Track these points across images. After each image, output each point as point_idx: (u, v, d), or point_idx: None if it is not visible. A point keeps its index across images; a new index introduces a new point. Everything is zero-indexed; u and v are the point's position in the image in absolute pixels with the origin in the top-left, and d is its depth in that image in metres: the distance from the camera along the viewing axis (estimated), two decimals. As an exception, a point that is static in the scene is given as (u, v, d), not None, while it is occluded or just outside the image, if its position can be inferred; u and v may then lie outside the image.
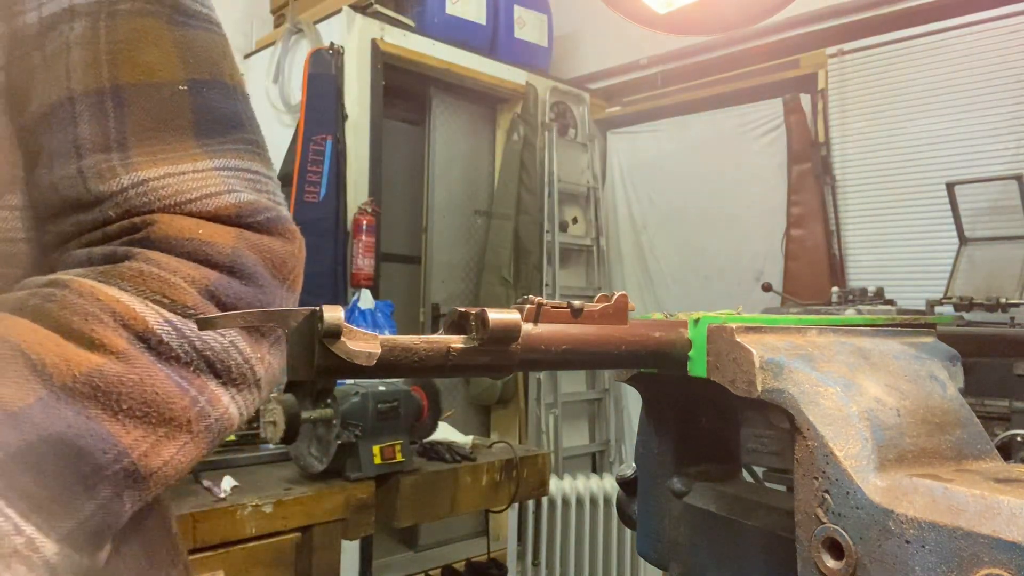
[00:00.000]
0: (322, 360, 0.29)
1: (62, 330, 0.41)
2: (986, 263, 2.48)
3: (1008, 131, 2.66)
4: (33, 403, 0.38)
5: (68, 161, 0.46)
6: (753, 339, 0.37)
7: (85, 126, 0.46)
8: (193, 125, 0.48)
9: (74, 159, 0.46)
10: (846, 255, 3.10)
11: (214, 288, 0.46)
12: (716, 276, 3.55)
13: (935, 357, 0.41)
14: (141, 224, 0.46)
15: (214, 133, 0.49)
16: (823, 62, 3.16)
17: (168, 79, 0.48)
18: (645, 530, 0.49)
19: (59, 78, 0.46)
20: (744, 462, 0.75)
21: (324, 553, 1.50)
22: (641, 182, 3.89)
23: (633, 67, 3.81)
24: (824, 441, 0.33)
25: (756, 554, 0.41)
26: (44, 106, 0.47)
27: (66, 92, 0.46)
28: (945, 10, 2.82)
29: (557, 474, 3.32)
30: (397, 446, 1.63)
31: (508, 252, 3.53)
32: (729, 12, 2.26)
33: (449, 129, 3.64)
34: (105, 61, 0.47)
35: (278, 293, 0.50)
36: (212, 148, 0.49)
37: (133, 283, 0.44)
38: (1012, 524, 0.28)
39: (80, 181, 0.46)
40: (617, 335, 0.37)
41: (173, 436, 0.44)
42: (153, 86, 0.47)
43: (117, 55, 0.47)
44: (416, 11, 3.34)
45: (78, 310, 0.42)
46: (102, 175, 0.46)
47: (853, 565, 0.32)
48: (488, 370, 0.33)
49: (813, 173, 3.17)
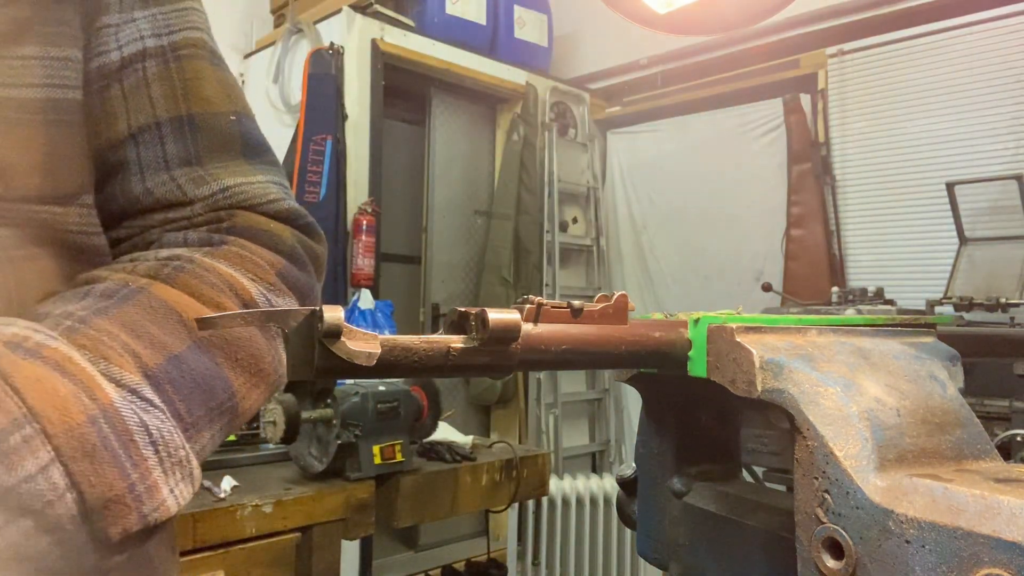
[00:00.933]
0: (322, 360, 0.29)
1: (195, 295, 0.52)
2: (986, 263, 2.48)
3: (1008, 131, 2.66)
4: (184, 350, 0.49)
5: (159, 171, 0.58)
6: (753, 339, 0.37)
7: (171, 144, 0.59)
8: (242, 148, 0.62)
9: (164, 169, 0.58)
10: (846, 255, 3.10)
11: (283, 271, 0.58)
12: (716, 276, 3.54)
13: (935, 357, 0.41)
14: (226, 217, 0.58)
15: (254, 154, 0.63)
16: (823, 62, 3.16)
17: (222, 110, 0.61)
18: (645, 530, 0.49)
19: (145, 107, 0.58)
20: (744, 462, 0.75)
21: (324, 553, 1.50)
22: (641, 182, 3.88)
23: (633, 67, 3.81)
24: (824, 441, 0.33)
25: (756, 554, 0.41)
26: (133, 128, 0.58)
27: (153, 118, 0.59)
28: (945, 10, 2.82)
29: (557, 474, 3.32)
30: (397, 446, 1.63)
31: (508, 252, 3.53)
32: (729, 12, 2.26)
33: (449, 129, 3.64)
34: (180, 95, 0.59)
35: (315, 284, 0.62)
36: (257, 166, 0.62)
37: (235, 262, 0.56)
38: (1012, 524, 0.28)
39: (175, 186, 0.58)
40: (617, 335, 0.37)
41: (258, 384, 0.55)
42: (214, 115, 0.61)
43: (188, 90, 0.60)
44: (416, 11, 3.34)
45: (205, 280, 0.53)
46: (195, 182, 0.59)
47: (853, 565, 0.32)
48: (488, 370, 0.33)
49: (813, 173, 3.17)
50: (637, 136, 3.93)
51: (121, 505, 0.43)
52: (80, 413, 0.42)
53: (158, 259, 0.55)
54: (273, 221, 0.60)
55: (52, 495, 0.40)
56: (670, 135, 3.78)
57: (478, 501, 1.87)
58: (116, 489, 0.42)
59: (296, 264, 0.59)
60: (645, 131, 3.89)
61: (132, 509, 0.43)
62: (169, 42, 0.60)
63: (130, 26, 0.58)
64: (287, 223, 0.61)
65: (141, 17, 0.59)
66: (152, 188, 0.58)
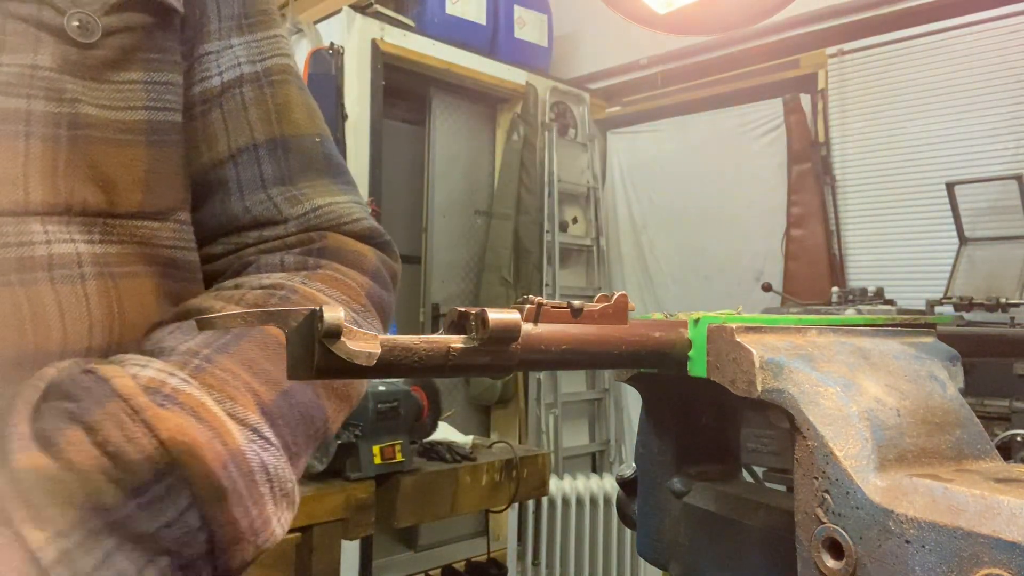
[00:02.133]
0: (322, 360, 0.29)
1: None
2: (986, 263, 2.48)
3: (1008, 131, 2.66)
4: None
5: (256, 190, 0.62)
6: (753, 339, 0.37)
7: (268, 166, 0.63)
8: (325, 167, 0.65)
9: (261, 188, 0.62)
10: (846, 255, 3.10)
11: (370, 291, 0.61)
12: (716, 276, 3.54)
13: (935, 357, 0.41)
14: (317, 238, 0.62)
15: (335, 174, 0.66)
16: (823, 62, 3.16)
17: (309, 133, 0.65)
18: (645, 530, 0.49)
19: (244, 129, 0.62)
20: (744, 462, 0.75)
21: (324, 553, 1.50)
22: (641, 182, 3.88)
23: (633, 67, 3.81)
24: (824, 441, 0.33)
25: (756, 554, 0.41)
26: (233, 148, 0.62)
27: (251, 140, 0.62)
28: (945, 10, 2.82)
29: (557, 474, 3.32)
30: (397, 446, 1.63)
31: (508, 252, 3.52)
32: (729, 12, 2.26)
33: (449, 129, 3.64)
34: (275, 119, 0.63)
35: (393, 300, 0.65)
36: (339, 185, 0.66)
37: (331, 285, 0.59)
38: (1012, 524, 0.28)
39: (272, 205, 0.62)
40: (617, 335, 0.37)
41: (344, 409, 0.58)
42: (302, 137, 0.65)
43: (281, 114, 0.64)
44: (416, 11, 3.34)
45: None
46: (290, 201, 0.62)
47: (853, 565, 0.32)
48: (488, 370, 0.33)
49: (813, 173, 3.17)
50: (637, 136, 3.93)
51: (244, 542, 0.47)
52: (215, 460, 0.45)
53: (262, 287, 0.57)
54: (358, 242, 0.63)
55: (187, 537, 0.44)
56: (670, 135, 3.78)
57: (478, 501, 1.87)
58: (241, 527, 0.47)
59: (380, 284, 0.63)
60: (645, 131, 3.89)
61: (251, 544, 0.48)
62: (263, 68, 0.64)
63: (228, 53, 0.62)
64: (368, 242, 0.65)
65: (238, 44, 0.63)
66: (250, 206, 0.62)
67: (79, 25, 0.51)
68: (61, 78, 0.51)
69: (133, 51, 0.55)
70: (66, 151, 0.51)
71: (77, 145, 0.52)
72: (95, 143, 0.53)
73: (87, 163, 0.52)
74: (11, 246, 0.49)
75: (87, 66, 0.52)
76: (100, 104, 0.53)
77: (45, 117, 0.50)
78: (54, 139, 0.50)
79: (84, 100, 0.52)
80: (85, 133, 0.52)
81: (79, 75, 0.52)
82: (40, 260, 0.49)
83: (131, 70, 0.55)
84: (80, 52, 0.51)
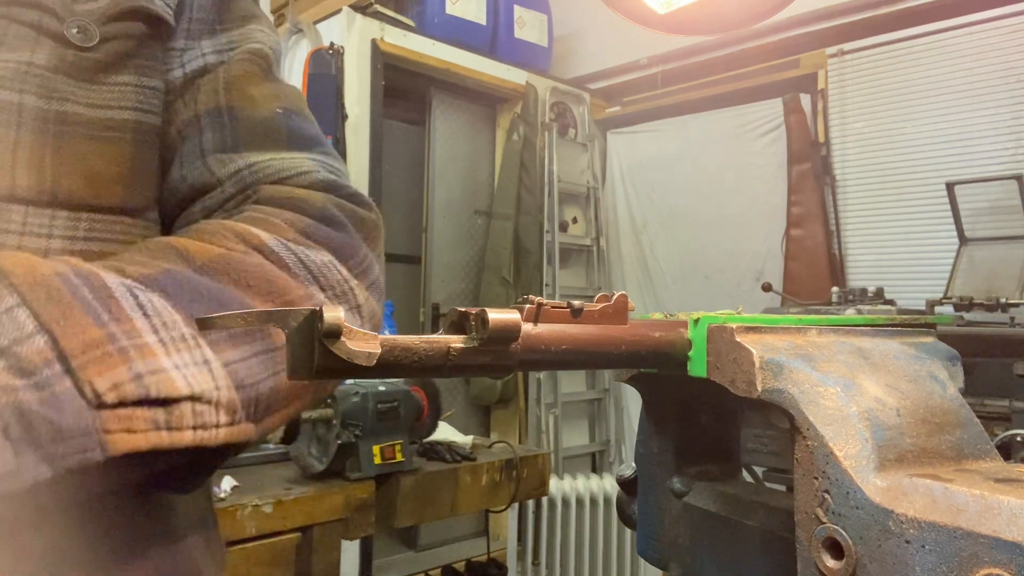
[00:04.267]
0: (322, 360, 0.29)
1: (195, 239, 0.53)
2: (986, 263, 2.48)
3: (1008, 131, 2.66)
4: (181, 269, 0.49)
5: (195, 159, 0.61)
6: (753, 339, 0.37)
7: (208, 133, 0.61)
8: (287, 139, 0.63)
9: (199, 157, 0.61)
10: (846, 255, 3.10)
11: (307, 229, 0.57)
12: (716, 276, 3.54)
13: (935, 357, 0.41)
14: (252, 193, 0.59)
15: (303, 146, 0.63)
16: (823, 62, 3.16)
17: (267, 107, 0.63)
18: (645, 530, 0.49)
19: (191, 106, 0.62)
20: (744, 462, 0.75)
21: (324, 553, 1.50)
22: (641, 182, 3.88)
23: (633, 67, 3.81)
24: (824, 441, 0.33)
25: (756, 554, 0.41)
26: (180, 125, 0.62)
27: (194, 113, 0.62)
28: (945, 10, 2.82)
29: (557, 474, 3.32)
30: (397, 446, 1.63)
31: (508, 252, 3.52)
32: (729, 12, 2.26)
33: (449, 129, 3.63)
34: (222, 90, 0.63)
35: (361, 244, 0.60)
36: (300, 151, 0.63)
37: (245, 221, 0.56)
38: (1012, 524, 0.28)
39: (206, 170, 0.60)
40: (617, 335, 0.37)
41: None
42: (256, 109, 0.63)
43: (231, 86, 0.63)
44: (416, 11, 3.34)
45: (207, 230, 0.54)
46: (223, 163, 0.60)
47: (853, 565, 0.32)
48: (488, 370, 0.33)
49: (813, 173, 3.17)
50: (637, 136, 3.92)
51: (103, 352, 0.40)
52: (49, 271, 0.42)
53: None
54: (302, 189, 0.60)
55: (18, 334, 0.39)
56: (670, 135, 3.77)
57: (478, 501, 1.87)
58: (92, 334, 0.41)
59: (328, 224, 0.58)
60: (645, 131, 3.89)
61: (119, 361, 0.41)
62: (228, 58, 0.64)
63: (194, 48, 0.63)
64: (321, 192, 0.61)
65: (206, 43, 0.64)
66: (187, 175, 0.61)
67: (78, 31, 0.54)
68: (54, 77, 0.53)
69: (126, 57, 0.58)
70: (54, 143, 0.53)
71: (65, 139, 0.54)
72: (82, 139, 0.55)
73: (74, 156, 0.54)
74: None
75: (82, 68, 0.55)
76: (90, 103, 0.55)
77: (35, 111, 0.52)
78: (43, 132, 0.53)
79: (73, 99, 0.54)
80: (73, 129, 0.54)
81: (73, 76, 0.54)
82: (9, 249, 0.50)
83: (123, 74, 0.57)
84: (76, 55, 0.54)
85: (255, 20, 0.67)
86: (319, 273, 0.55)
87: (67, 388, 0.39)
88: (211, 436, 0.43)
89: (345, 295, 0.57)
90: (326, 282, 0.55)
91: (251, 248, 0.53)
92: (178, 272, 0.48)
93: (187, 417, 0.42)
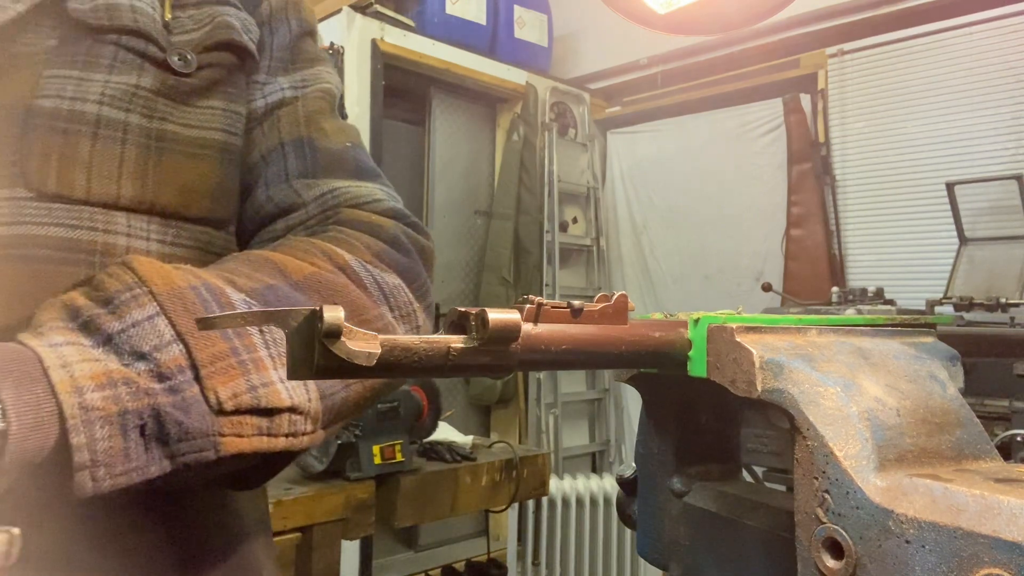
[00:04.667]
0: (322, 360, 0.29)
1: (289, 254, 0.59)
2: (986, 263, 2.47)
3: (1008, 131, 2.66)
4: (281, 285, 0.55)
5: (280, 182, 0.68)
6: (753, 339, 0.37)
7: (292, 160, 0.69)
8: (355, 169, 0.71)
9: (284, 180, 0.68)
10: (846, 255, 3.10)
11: (381, 253, 0.63)
12: (716, 276, 3.54)
13: (935, 357, 0.41)
14: (332, 214, 0.66)
15: (369, 177, 0.71)
16: (823, 62, 3.16)
17: (338, 140, 0.71)
18: (645, 530, 0.49)
19: (274, 135, 0.70)
20: (744, 462, 0.75)
21: (324, 553, 1.50)
22: (641, 182, 3.88)
23: (633, 67, 3.81)
24: (824, 441, 0.33)
25: (756, 554, 0.41)
26: (264, 151, 0.69)
27: (279, 140, 0.69)
28: (945, 10, 2.82)
29: (557, 474, 3.32)
30: (397, 446, 1.63)
31: (508, 252, 3.52)
32: (729, 12, 2.26)
33: (449, 129, 3.63)
34: (303, 122, 0.70)
35: (422, 270, 0.67)
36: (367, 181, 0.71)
37: (331, 241, 0.62)
38: (1012, 524, 0.28)
39: (292, 192, 0.67)
40: (617, 335, 0.37)
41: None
42: (330, 142, 0.71)
43: (310, 120, 0.71)
44: (416, 11, 3.34)
45: (299, 247, 0.60)
46: (308, 186, 0.67)
47: (853, 565, 0.32)
48: (488, 370, 0.33)
49: (813, 173, 3.17)
50: (637, 136, 3.92)
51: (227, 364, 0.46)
52: (184, 283, 0.49)
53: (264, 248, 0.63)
54: (376, 215, 0.67)
55: (158, 341, 0.46)
56: (670, 135, 3.77)
57: (478, 501, 1.87)
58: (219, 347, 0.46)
59: (397, 249, 0.65)
60: (645, 131, 3.89)
61: (239, 373, 0.47)
62: (302, 93, 0.72)
63: (274, 83, 0.71)
64: (391, 219, 0.68)
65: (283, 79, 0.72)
66: (273, 195, 0.68)
67: (179, 59, 0.62)
68: (156, 99, 0.60)
69: (217, 83, 0.65)
70: (155, 158, 0.60)
71: (163, 155, 0.61)
72: (178, 155, 0.62)
73: (171, 170, 0.61)
74: (99, 231, 0.57)
75: (180, 91, 0.62)
76: (185, 123, 0.62)
77: (139, 129, 0.59)
78: (145, 147, 0.60)
79: (171, 119, 0.61)
80: (170, 146, 0.61)
81: (171, 98, 0.62)
82: (120, 249, 0.57)
83: (213, 98, 0.65)
84: (176, 80, 0.62)
85: (322, 62, 0.76)
86: (390, 294, 0.62)
87: (195, 394, 0.45)
88: (299, 443, 0.50)
89: (409, 316, 0.63)
90: (395, 303, 0.62)
91: (336, 267, 0.59)
92: (279, 288, 0.55)
93: (284, 426, 0.49)
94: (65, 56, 0.57)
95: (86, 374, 0.42)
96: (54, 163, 0.55)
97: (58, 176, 0.55)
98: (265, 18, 0.72)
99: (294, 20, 0.75)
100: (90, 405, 0.41)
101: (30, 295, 0.52)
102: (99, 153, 0.57)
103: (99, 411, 0.42)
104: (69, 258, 0.55)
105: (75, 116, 0.57)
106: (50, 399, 0.41)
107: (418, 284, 0.65)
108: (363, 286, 0.60)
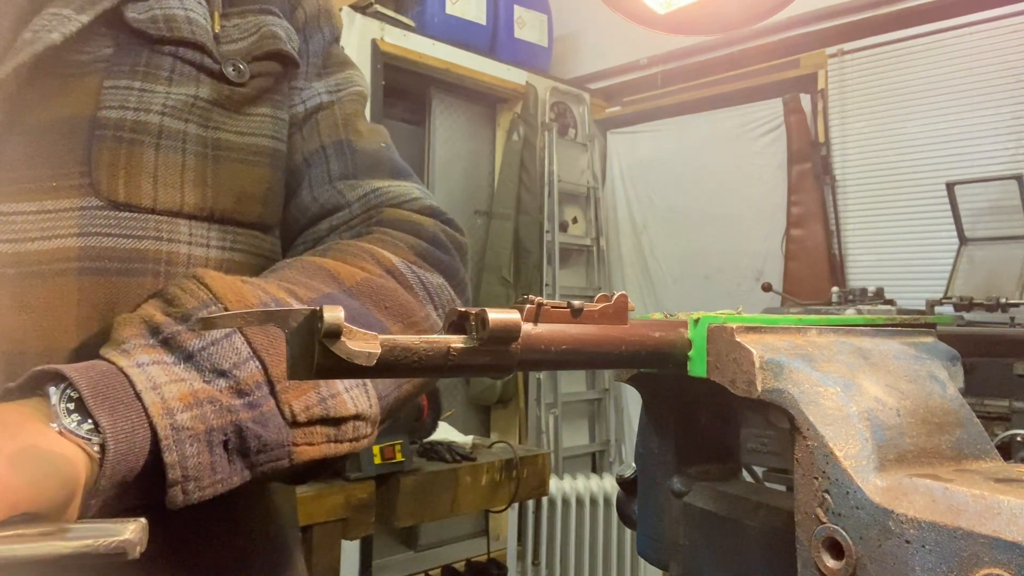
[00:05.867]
0: (322, 360, 0.29)
1: (340, 260, 0.61)
2: (986, 263, 2.47)
3: (1008, 131, 2.66)
4: (337, 292, 0.57)
5: (324, 183, 0.71)
6: (753, 339, 0.37)
7: (334, 162, 0.71)
8: (391, 169, 0.74)
9: (328, 182, 0.71)
10: (846, 255, 3.10)
11: (424, 252, 0.66)
12: (716, 276, 3.54)
13: (935, 357, 0.41)
14: (375, 214, 0.69)
15: (401, 175, 0.75)
16: (823, 62, 3.16)
17: (374, 141, 0.75)
18: (645, 530, 0.49)
19: (315, 138, 0.72)
20: (744, 462, 0.75)
21: (324, 553, 1.50)
22: (641, 182, 3.88)
23: (633, 67, 3.81)
24: (824, 441, 0.33)
25: (756, 554, 0.41)
26: (306, 154, 0.71)
27: (319, 143, 0.72)
28: (945, 10, 2.82)
29: (557, 474, 3.32)
30: (397, 446, 1.63)
31: (508, 252, 3.52)
32: (729, 12, 2.26)
33: (449, 129, 3.63)
34: (341, 127, 0.73)
35: (460, 266, 0.70)
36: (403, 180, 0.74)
37: (375, 243, 0.65)
38: (1012, 524, 0.28)
39: (336, 193, 0.70)
40: (617, 335, 0.37)
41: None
42: (367, 143, 0.74)
43: (347, 124, 0.74)
44: (416, 11, 3.34)
45: (349, 252, 0.63)
46: (351, 187, 0.70)
47: (853, 565, 0.32)
48: (488, 370, 0.33)
49: (813, 173, 3.17)
50: (637, 136, 3.92)
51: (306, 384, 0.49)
52: (255, 299, 0.51)
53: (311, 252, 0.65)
54: (416, 214, 0.70)
55: (237, 358, 0.48)
56: (670, 135, 3.77)
57: (478, 501, 1.87)
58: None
59: (438, 248, 0.68)
60: (645, 131, 3.88)
61: (310, 387, 0.50)
62: (337, 97, 0.75)
63: (311, 88, 0.74)
64: (429, 217, 0.71)
65: (319, 84, 0.74)
66: (318, 196, 0.70)
67: (233, 69, 0.64)
68: (212, 109, 0.63)
69: (266, 92, 0.67)
70: (212, 166, 0.62)
71: (220, 163, 0.63)
72: (232, 162, 0.64)
73: (228, 177, 0.63)
74: (163, 240, 0.59)
75: (234, 100, 0.64)
76: (238, 131, 0.65)
77: (196, 138, 0.62)
78: (203, 156, 0.62)
79: (225, 128, 0.64)
80: (226, 154, 0.64)
81: (226, 107, 0.64)
82: (182, 257, 0.60)
83: (263, 106, 0.67)
84: (231, 89, 0.64)
85: (351, 66, 0.79)
86: (435, 294, 0.65)
87: (272, 408, 0.48)
88: (360, 445, 0.54)
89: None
90: (439, 302, 0.65)
91: (385, 271, 0.62)
92: (335, 296, 0.57)
93: (349, 432, 0.52)
94: (124, 66, 0.59)
95: (175, 395, 0.45)
96: (122, 173, 0.57)
97: (127, 185, 0.57)
98: (300, 25, 0.74)
99: (327, 27, 0.77)
100: (180, 425, 0.44)
101: (104, 308, 0.55)
102: (163, 162, 0.59)
103: (188, 430, 0.45)
104: (136, 268, 0.57)
105: (139, 127, 0.58)
106: (144, 422, 0.44)
107: (457, 280, 0.68)
108: (410, 288, 0.62)
